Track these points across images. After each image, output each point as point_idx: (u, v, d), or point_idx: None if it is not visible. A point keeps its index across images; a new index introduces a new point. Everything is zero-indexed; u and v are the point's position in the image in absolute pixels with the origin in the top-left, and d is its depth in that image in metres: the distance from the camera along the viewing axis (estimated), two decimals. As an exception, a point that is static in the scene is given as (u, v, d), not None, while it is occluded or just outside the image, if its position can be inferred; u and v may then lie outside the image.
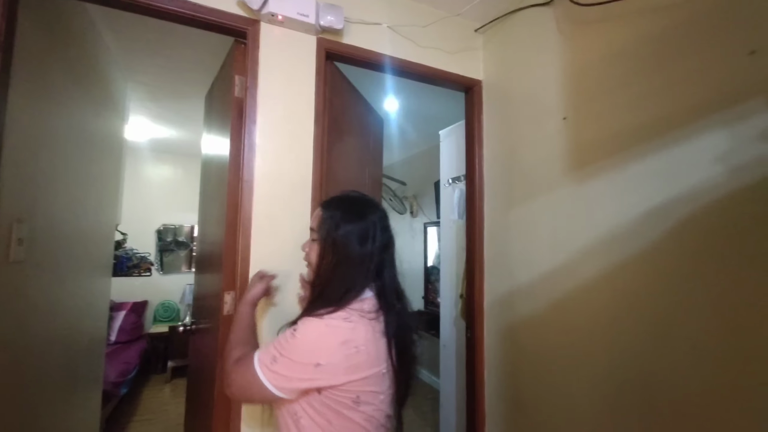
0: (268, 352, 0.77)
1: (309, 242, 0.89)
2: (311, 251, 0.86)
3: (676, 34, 0.99)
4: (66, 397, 1.63)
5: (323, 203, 0.90)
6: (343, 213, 0.84)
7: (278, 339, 0.78)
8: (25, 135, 1.19)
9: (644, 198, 1.05)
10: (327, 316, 0.76)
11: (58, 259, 1.49)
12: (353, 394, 0.75)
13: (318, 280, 0.84)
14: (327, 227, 0.83)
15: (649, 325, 1.02)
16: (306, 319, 0.77)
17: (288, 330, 0.78)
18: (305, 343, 0.74)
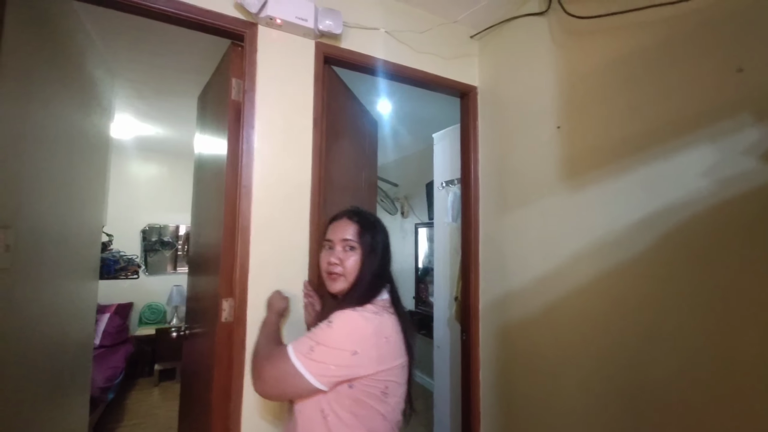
0: (303, 342, 0.80)
1: (342, 252, 0.93)
2: (347, 260, 0.91)
3: (667, 49, 1.02)
4: (53, 404, 1.58)
5: (350, 217, 0.96)
6: (374, 225, 0.95)
7: (312, 331, 0.81)
8: (11, 137, 1.15)
9: (634, 207, 1.09)
10: (360, 309, 0.83)
11: (43, 263, 1.45)
12: (383, 385, 0.80)
13: (357, 284, 0.90)
14: (367, 238, 0.93)
15: (638, 329, 1.06)
16: (340, 311, 0.82)
17: (322, 323, 0.82)
18: (342, 332, 0.79)
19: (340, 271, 0.91)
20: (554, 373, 1.30)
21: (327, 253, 0.96)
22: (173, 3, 1.16)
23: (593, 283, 1.18)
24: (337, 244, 0.94)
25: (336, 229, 0.96)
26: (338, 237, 0.94)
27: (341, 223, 0.96)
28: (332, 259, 0.92)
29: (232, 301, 1.24)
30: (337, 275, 0.91)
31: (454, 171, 2.24)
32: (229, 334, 1.23)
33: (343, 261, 0.91)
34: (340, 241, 0.93)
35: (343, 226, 0.95)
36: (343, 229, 0.94)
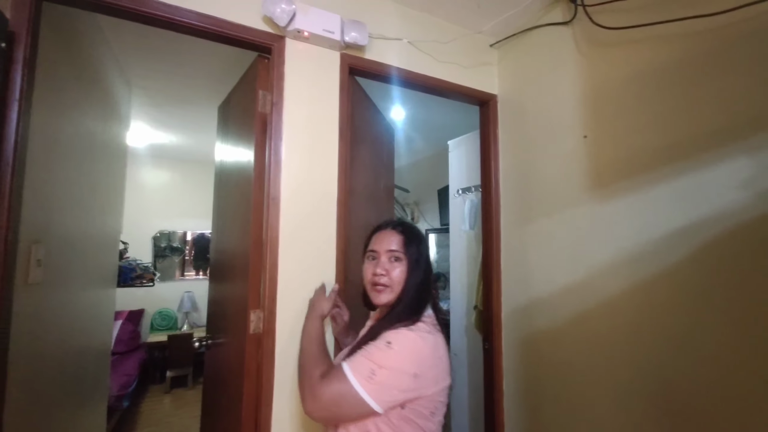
0: (362, 364, 0.77)
1: (388, 263, 0.92)
2: (393, 271, 0.90)
3: (700, 61, 1.02)
4: (75, 411, 1.59)
5: (395, 227, 0.96)
6: (418, 236, 0.95)
7: (369, 352, 0.78)
8: (43, 152, 1.16)
9: (666, 219, 1.08)
10: (415, 328, 0.81)
11: (70, 275, 1.46)
12: (433, 405, 0.79)
13: (403, 297, 0.89)
14: (414, 248, 0.92)
15: (671, 342, 1.05)
16: (398, 331, 0.80)
17: (378, 343, 0.79)
18: (403, 354, 0.77)
19: (386, 282, 0.90)
20: (584, 385, 1.29)
21: (371, 264, 0.94)
22: (204, 18, 1.17)
23: (624, 295, 1.18)
24: (383, 254, 0.92)
25: (381, 240, 0.95)
26: (384, 248, 0.93)
27: (386, 234, 0.95)
28: (378, 270, 0.91)
29: (261, 313, 1.24)
30: (384, 286, 0.90)
31: (471, 178, 2.24)
32: (258, 346, 1.23)
33: (390, 272, 0.90)
34: (386, 252, 0.92)
35: (388, 237, 0.94)
36: (388, 240, 0.93)
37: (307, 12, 1.26)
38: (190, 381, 3.73)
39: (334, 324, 1.23)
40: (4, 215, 0.88)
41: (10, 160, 0.90)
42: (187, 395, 3.57)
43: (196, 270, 4.43)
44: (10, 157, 0.90)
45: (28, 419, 1.12)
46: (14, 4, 0.93)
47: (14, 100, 0.91)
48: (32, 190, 1.07)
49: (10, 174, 0.90)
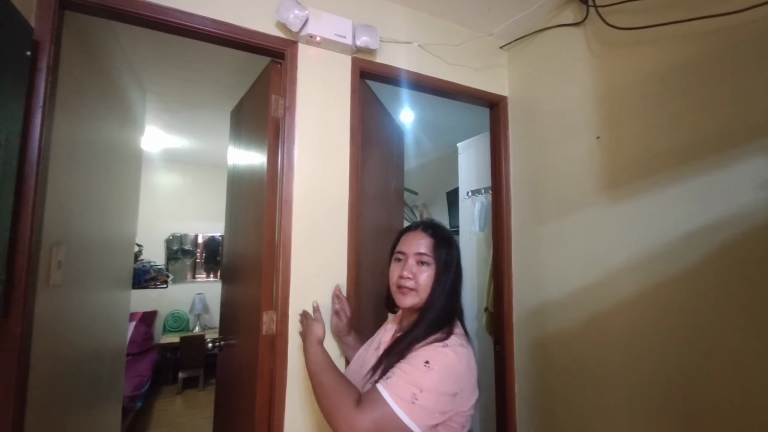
0: (401, 387, 0.72)
1: (416, 266, 0.88)
2: (421, 275, 0.87)
3: (716, 61, 1.01)
4: (91, 411, 1.62)
5: (425, 230, 0.92)
6: (449, 240, 0.91)
7: (407, 373, 0.74)
8: (64, 155, 1.19)
9: (683, 220, 1.07)
10: (450, 342, 0.78)
11: (88, 276, 1.49)
12: (464, 419, 0.77)
13: (431, 303, 0.86)
14: (443, 252, 0.88)
15: (689, 346, 1.04)
16: (434, 349, 0.77)
17: (415, 362, 0.75)
18: (443, 375, 0.73)
19: (412, 285, 0.87)
20: (598, 389, 1.28)
21: (398, 266, 0.91)
22: (219, 24, 1.20)
23: (639, 297, 1.16)
24: (411, 257, 0.89)
25: (410, 242, 0.91)
26: (412, 250, 0.89)
27: (415, 236, 0.91)
28: (405, 273, 0.87)
29: (273, 314, 1.25)
30: (409, 290, 0.87)
31: (480, 180, 2.24)
32: (271, 347, 1.24)
33: (417, 276, 0.87)
34: (414, 255, 0.89)
35: (417, 239, 0.90)
36: (417, 243, 0.89)
37: (319, 17, 1.28)
38: (202, 382, 3.77)
39: (338, 319, 1.22)
40: (29, 217, 0.91)
41: (35, 164, 0.93)
42: (198, 396, 3.61)
43: (207, 272, 4.48)
44: (34, 161, 0.93)
45: (47, 418, 1.15)
46: (39, 13, 0.96)
47: (38, 106, 0.94)
48: (53, 193, 1.10)
49: (34, 177, 0.93)
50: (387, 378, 0.75)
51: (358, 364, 1.00)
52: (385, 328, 1.03)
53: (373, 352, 0.97)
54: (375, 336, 1.06)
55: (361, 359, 1.00)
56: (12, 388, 0.87)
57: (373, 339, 1.06)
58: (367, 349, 1.03)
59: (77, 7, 1.07)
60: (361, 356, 1.02)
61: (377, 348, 0.97)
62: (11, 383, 0.87)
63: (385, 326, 1.03)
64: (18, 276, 0.88)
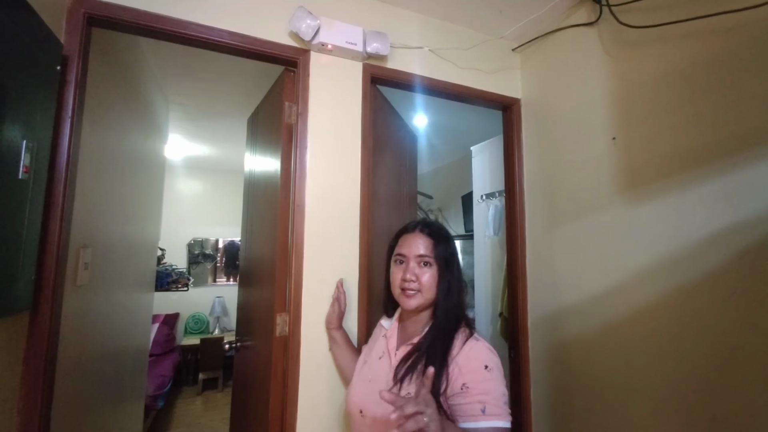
0: (499, 405, 0.74)
1: (418, 268, 0.89)
2: (423, 276, 0.88)
3: (737, 58, 0.97)
4: (115, 409, 1.68)
5: (422, 230, 0.93)
6: (447, 237, 0.93)
7: (484, 384, 0.75)
8: (92, 163, 1.26)
9: (706, 221, 1.03)
10: (476, 338, 0.84)
11: (113, 278, 1.56)
12: None
13: (438, 301, 0.88)
14: (443, 250, 0.89)
15: (716, 351, 0.99)
16: (477, 350, 0.80)
17: (478, 375, 0.76)
18: (498, 369, 0.79)
19: (415, 287, 0.87)
20: (618, 397, 1.23)
21: (399, 269, 0.91)
22: (236, 36, 1.24)
23: (661, 302, 1.12)
24: (412, 259, 0.89)
25: (409, 243, 0.91)
26: (412, 252, 0.89)
27: (414, 237, 0.91)
28: (408, 275, 0.88)
29: (287, 316, 1.27)
30: (413, 291, 0.87)
31: (494, 184, 2.22)
32: (284, 349, 1.26)
33: (420, 277, 0.87)
34: (415, 257, 0.89)
35: (416, 240, 0.90)
36: (416, 244, 0.90)
37: (331, 26, 1.31)
38: (221, 384, 3.85)
39: (332, 309, 1.23)
40: (57, 221, 0.96)
41: (63, 171, 0.99)
42: (217, 397, 3.69)
43: (226, 276, 4.59)
44: (63, 168, 0.99)
45: (73, 415, 1.20)
46: (68, 30, 1.03)
47: (67, 117, 1.00)
48: (81, 198, 1.16)
49: (63, 183, 0.98)
50: (483, 411, 0.73)
51: (365, 377, 0.95)
52: (382, 333, 1.00)
53: (378, 361, 0.94)
54: (374, 343, 1.03)
55: (372, 370, 0.95)
56: (40, 381, 0.92)
57: (372, 345, 1.03)
58: (369, 357, 1.00)
59: (104, 24, 1.14)
60: (372, 367, 0.96)
61: (381, 357, 0.94)
62: (39, 377, 0.92)
63: (383, 331, 1.01)
64: (47, 275, 0.94)
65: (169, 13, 1.18)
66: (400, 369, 0.85)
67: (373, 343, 1.03)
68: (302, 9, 1.27)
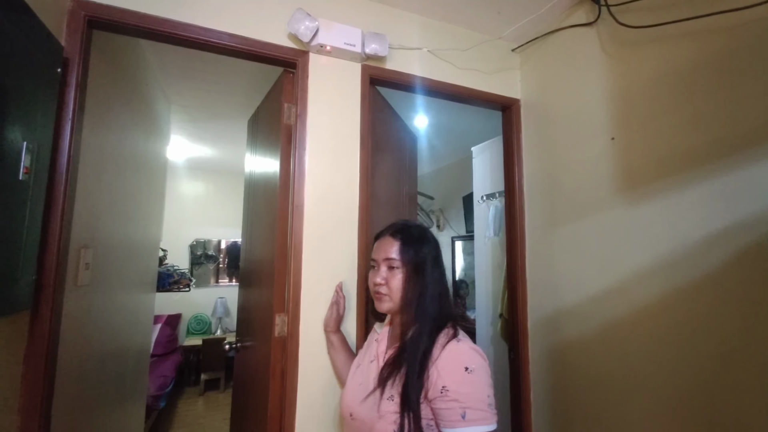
0: (481, 403, 0.73)
1: (387, 272, 0.90)
2: (392, 279, 0.88)
3: (733, 57, 0.97)
4: (116, 409, 1.69)
5: (393, 234, 0.93)
6: (419, 239, 0.92)
7: (464, 387, 0.74)
8: (94, 164, 1.27)
9: (704, 222, 1.02)
10: (462, 339, 0.82)
11: (114, 278, 1.57)
12: None
13: (406, 305, 0.87)
14: (411, 254, 0.89)
15: (715, 352, 0.98)
16: (456, 349, 0.79)
17: (457, 377, 0.75)
18: (481, 370, 0.77)
19: (384, 291, 0.89)
20: (617, 398, 1.23)
21: (373, 273, 0.93)
22: (235, 38, 1.25)
23: (661, 302, 1.12)
24: (381, 263, 0.91)
25: (379, 248, 0.94)
26: (381, 256, 0.92)
27: (384, 242, 0.93)
28: (377, 279, 0.90)
29: (285, 317, 1.28)
30: (382, 295, 0.89)
31: (495, 184, 2.21)
32: (283, 349, 1.27)
33: (388, 281, 0.89)
34: (384, 261, 0.91)
35: (385, 245, 0.92)
36: (385, 248, 0.92)
37: (329, 27, 1.32)
38: (222, 385, 3.86)
39: (329, 312, 1.23)
40: (58, 221, 0.97)
41: (64, 172, 1.00)
42: (219, 398, 3.70)
43: (229, 277, 4.60)
44: (63, 169, 1.00)
45: (73, 415, 1.21)
46: (68, 33, 1.04)
47: (68, 119, 1.01)
48: (82, 199, 1.17)
49: (63, 184, 0.99)
50: (463, 416, 0.72)
51: (357, 381, 0.95)
52: (375, 337, 1.01)
53: (369, 365, 0.95)
54: (368, 347, 1.04)
55: (363, 374, 0.95)
56: (40, 381, 0.93)
57: (366, 350, 1.04)
58: (362, 361, 1.00)
59: (104, 26, 1.15)
60: (363, 371, 0.96)
61: (372, 360, 0.95)
62: (40, 376, 0.93)
63: (375, 335, 1.02)
64: (47, 275, 0.94)
65: (170, 15, 1.19)
66: (384, 372, 0.85)
67: (367, 348, 1.04)
68: (301, 11, 1.27)
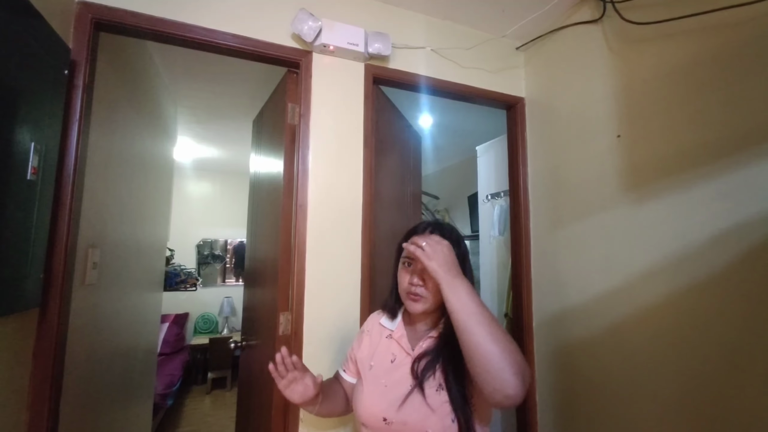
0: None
1: (425, 272, 0.82)
2: (430, 280, 0.82)
3: (741, 52, 0.96)
4: (124, 406, 1.71)
5: (432, 232, 0.87)
6: (457, 240, 0.87)
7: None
8: (101, 165, 1.29)
9: (712, 219, 1.01)
10: None
11: (121, 278, 1.59)
12: None
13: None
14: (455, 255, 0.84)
15: (722, 352, 0.97)
16: None
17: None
18: None
19: (422, 293, 0.84)
20: (623, 399, 1.21)
21: (407, 271, 0.87)
22: (239, 39, 1.26)
23: (667, 302, 1.10)
24: (419, 263, 0.83)
25: None
26: None
27: (424, 239, 0.84)
28: (415, 279, 0.84)
29: (289, 315, 1.29)
30: (419, 296, 0.84)
31: (500, 184, 2.20)
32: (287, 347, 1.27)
33: (427, 282, 0.84)
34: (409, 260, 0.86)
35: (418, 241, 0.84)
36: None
37: (332, 27, 1.32)
38: (229, 383, 3.89)
39: (292, 391, 0.90)
40: (65, 221, 0.99)
41: (72, 173, 1.02)
42: (225, 396, 3.73)
43: (236, 277, 4.63)
44: (71, 170, 1.02)
45: (81, 411, 1.23)
46: (75, 35, 1.06)
47: (75, 120, 1.03)
48: (90, 199, 1.19)
49: (71, 184, 1.01)
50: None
51: (380, 383, 0.86)
52: (385, 334, 0.93)
53: (391, 364, 0.87)
54: (376, 345, 0.94)
55: (386, 375, 0.87)
56: (49, 377, 0.95)
57: (373, 347, 0.94)
58: (374, 362, 0.91)
59: (110, 29, 1.17)
60: (385, 371, 0.87)
61: (394, 360, 0.88)
62: (48, 372, 0.95)
63: (384, 332, 0.94)
64: (55, 274, 0.96)
65: (174, 17, 1.20)
66: (417, 366, 0.81)
67: (373, 345, 0.95)
68: (304, 11, 1.28)
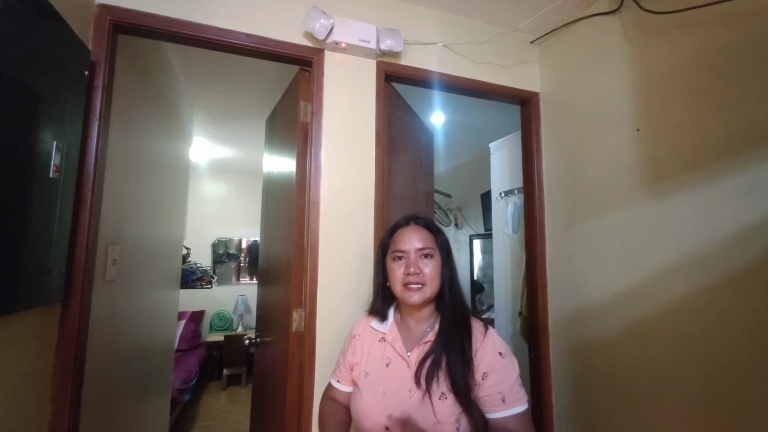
0: (515, 385, 0.81)
1: (421, 261, 0.87)
2: (427, 268, 0.86)
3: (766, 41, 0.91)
4: (142, 401, 1.75)
5: (417, 222, 0.93)
6: (439, 228, 0.95)
7: (500, 372, 0.80)
8: (120, 165, 1.32)
9: (735, 216, 0.97)
10: (490, 327, 0.89)
11: (140, 275, 1.63)
12: None
13: (444, 291, 0.88)
14: (442, 239, 0.92)
15: (746, 353, 0.93)
16: (490, 338, 0.85)
17: (495, 357, 0.82)
18: (510, 355, 0.84)
19: (420, 280, 0.85)
20: (643, 399, 1.18)
21: (400, 265, 0.87)
22: (252, 38, 1.28)
23: (688, 301, 1.06)
24: (413, 253, 0.87)
25: (407, 239, 0.88)
26: (413, 246, 0.87)
27: (410, 231, 0.90)
28: (411, 269, 0.85)
29: (302, 312, 1.29)
30: (418, 286, 0.85)
31: (513, 181, 2.17)
32: (300, 343, 1.28)
33: (423, 270, 0.86)
34: (417, 250, 0.87)
35: (414, 234, 0.89)
36: (415, 237, 0.88)
37: (344, 25, 1.33)
38: (244, 380, 3.95)
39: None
40: (86, 217, 1.02)
41: (92, 172, 1.05)
42: (240, 392, 3.79)
43: (250, 275, 4.69)
44: (91, 168, 1.04)
45: (102, 404, 1.26)
46: (95, 37, 1.09)
47: (95, 120, 1.06)
48: (109, 197, 1.22)
49: (91, 182, 1.04)
50: (502, 400, 0.79)
51: (377, 389, 0.85)
52: (377, 337, 0.92)
53: (386, 369, 0.86)
54: (366, 351, 0.92)
55: (382, 380, 0.86)
56: (71, 370, 0.98)
57: (365, 353, 0.92)
58: (370, 368, 0.89)
59: (129, 31, 1.20)
60: (381, 377, 0.87)
61: (389, 363, 0.87)
62: (70, 366, 0.97)
63: (375, 335, 0.93)
64: (77, 269, 0.99)
65: (190, 18, 1.22)
66: (421, 371, 0.80)
67: (366, 350, 0.92)
68: (316, 9, 1.28)
